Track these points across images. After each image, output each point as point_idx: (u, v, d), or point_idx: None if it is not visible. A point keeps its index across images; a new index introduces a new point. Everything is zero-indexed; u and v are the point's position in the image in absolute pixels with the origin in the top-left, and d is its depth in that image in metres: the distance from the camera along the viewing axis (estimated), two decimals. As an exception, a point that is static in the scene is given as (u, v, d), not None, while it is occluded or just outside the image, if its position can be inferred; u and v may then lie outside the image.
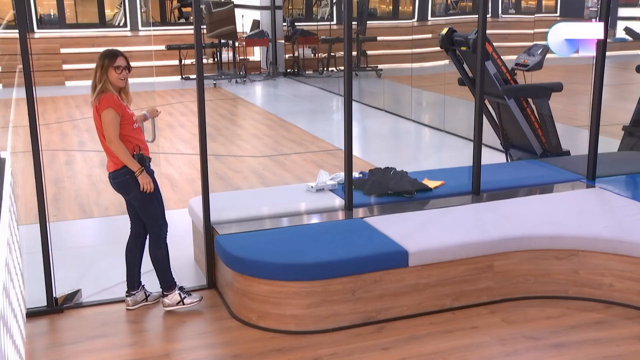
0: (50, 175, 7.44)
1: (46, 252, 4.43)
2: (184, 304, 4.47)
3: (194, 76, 6.44)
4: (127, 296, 4.52)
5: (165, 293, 4.49)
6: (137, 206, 4.40)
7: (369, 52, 15.16)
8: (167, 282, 4.48)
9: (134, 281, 4.52)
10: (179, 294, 4.48)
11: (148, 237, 4.48)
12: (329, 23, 17.14)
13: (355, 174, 5.51)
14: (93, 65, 4.25)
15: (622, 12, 13.54)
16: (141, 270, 4.56)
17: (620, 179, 5.83)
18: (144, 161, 4.28)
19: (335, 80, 14.26)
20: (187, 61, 15.30)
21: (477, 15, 5.40)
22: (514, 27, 12.58)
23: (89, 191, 7.13)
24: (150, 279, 4.63)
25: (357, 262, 4.20)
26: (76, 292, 4.57)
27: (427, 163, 8.16)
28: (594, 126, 5.73)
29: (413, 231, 4.56)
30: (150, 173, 4.35)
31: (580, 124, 8.41)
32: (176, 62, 15.37)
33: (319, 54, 16.30)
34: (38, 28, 16.88)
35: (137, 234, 4.52)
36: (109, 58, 4.21)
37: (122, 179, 4.30)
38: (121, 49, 4.43)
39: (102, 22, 17.61)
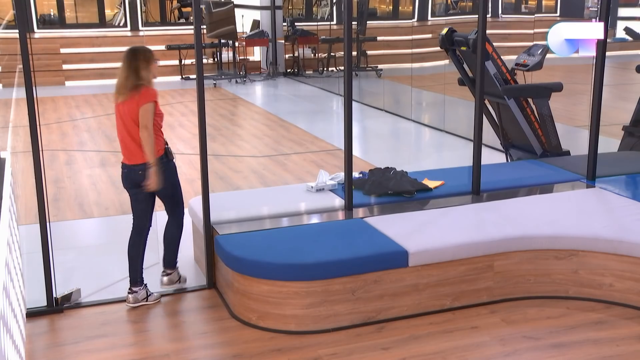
0: (50, 175, 7.43)
1: (46, 252, 4.43)
2: (179, 282, 4.80)
3: (194, 76, 6.44)
4: (129, 293, 4.53)
5: (168, 272, 4.73)
6: (164, 195, 4.56)
7: (369, 52, 15.15)
8: (173, 261, 4.75)
9: (136, 277, 4.54)
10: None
11: (170, 217, 4.69)
12: (329, 23, 17.13)
13: (355, 174, 5.51)
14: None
15: (622, 12, 13.55)
16: (143, 266, 4.59)
17: (620, 179, 5.83)
18: (170, 154, 4.53)
19: (335, 80, 14.25)
20: (187, 61, 15.30)
21: (477, 15, 5.41)
22: (514, 27, 12.58)
23: (89, 191, 7.14)
24: (149, 278, 4.64)
25: (357, 262, 4.20)
26: (75, 291, 4.57)
27: (427, 163, 8.15)
28: (594, 126, 5.73)
29: (413, 231, 4.56)
30: (173, 167, 4.57)
31: (580, 124, 8.41)
32: (176, 62, 15.37)
33: (319, 54, 16.29)
34: (38, 28, 16.85)
35: (141, 230, 4.56)
36: (151, 53, 4.40)
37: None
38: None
39: (102, 22, 17.59)
